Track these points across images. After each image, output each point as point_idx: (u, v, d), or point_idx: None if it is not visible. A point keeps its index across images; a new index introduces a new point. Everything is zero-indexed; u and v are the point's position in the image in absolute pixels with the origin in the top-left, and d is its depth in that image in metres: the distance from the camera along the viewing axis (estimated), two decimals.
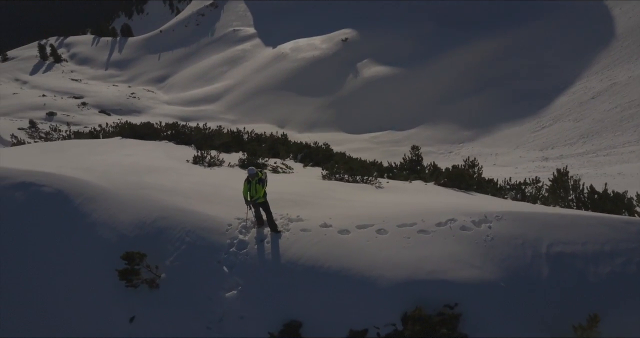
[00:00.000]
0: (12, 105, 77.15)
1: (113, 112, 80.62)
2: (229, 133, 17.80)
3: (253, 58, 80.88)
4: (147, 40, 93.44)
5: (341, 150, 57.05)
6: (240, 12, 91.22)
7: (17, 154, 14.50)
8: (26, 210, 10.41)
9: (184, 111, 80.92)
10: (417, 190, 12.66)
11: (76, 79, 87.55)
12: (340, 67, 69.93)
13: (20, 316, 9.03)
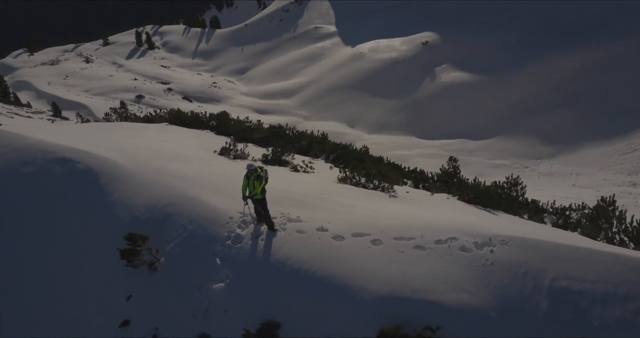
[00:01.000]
0: (107, 86, 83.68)
1: (195, 99, 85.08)
2: (270, 128, 18.11)
3: (331, 56, 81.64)
4: (233, 33, 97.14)
5: (409, 155, 56.57)
6: (323, 10, 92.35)
7: (72, 131, 15.82)
8: (61, 183, 11.32)
9: (259, 103, 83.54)
10: (434, 203, 12.12)
11: (165, 65, 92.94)
12: (417, 71, 68.92)
13: (36, 274, 10.02)
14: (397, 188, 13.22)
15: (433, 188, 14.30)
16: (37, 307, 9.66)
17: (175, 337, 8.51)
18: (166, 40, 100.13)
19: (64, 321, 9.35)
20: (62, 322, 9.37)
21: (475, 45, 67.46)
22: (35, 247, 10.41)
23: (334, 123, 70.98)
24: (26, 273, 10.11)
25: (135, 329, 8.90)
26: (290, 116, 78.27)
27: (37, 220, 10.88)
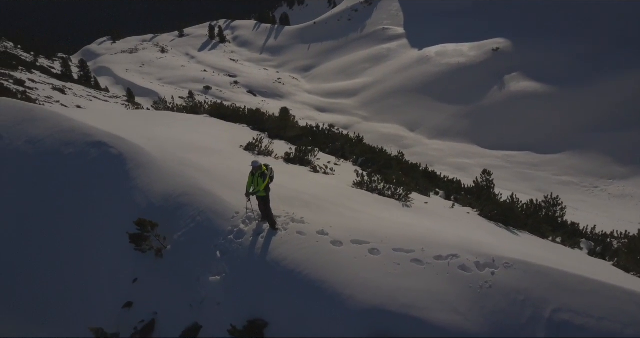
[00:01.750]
0: (178, 76, 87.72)
1: (259, 94, 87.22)
2: (303, 126, 17.87)
3: (396, 58, 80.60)
4: (301, 30, 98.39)
5: (469, 164, 54.58)
6: (392, 11, 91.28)
7: (118, 117, 16.64)
8: (94, 165, 11.97)
9: (321, 102, 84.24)
10: (451, 217, 11.55)
11: (234, 59, 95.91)
12: (485, 77, 66.53)
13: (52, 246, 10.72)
14: (418, 198, 12.78)
15: (462, 201, 13.65)
16: (54, 276, 10.30)
17: (172, 323, 8.77)
18: (237, 34, 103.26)
19: (75, 294, 9.91)
20: (73, 296, 9.92)
21: (549, 55, 64.03)
22: (64, 222, 11.10)
23: (394, 126, 70.20)
24: (54, 244, 10.84)
25: (137, 311, 9.24)
26: (350, 116, 78.32)
27: (70, 198, 11.59)
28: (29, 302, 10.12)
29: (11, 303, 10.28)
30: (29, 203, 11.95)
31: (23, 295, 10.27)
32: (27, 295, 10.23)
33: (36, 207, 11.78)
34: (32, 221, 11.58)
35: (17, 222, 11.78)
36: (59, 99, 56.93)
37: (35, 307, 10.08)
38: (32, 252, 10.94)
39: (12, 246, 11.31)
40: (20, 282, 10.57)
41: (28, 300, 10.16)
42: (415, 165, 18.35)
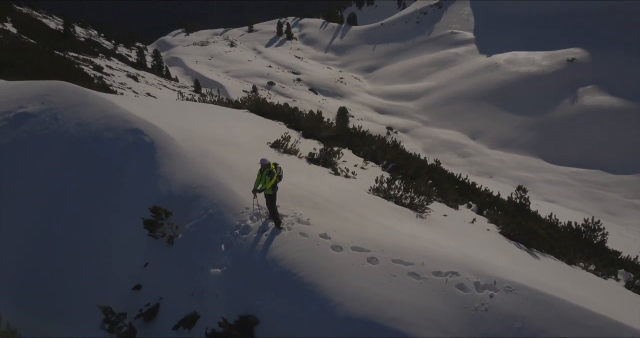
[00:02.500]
0: (244, 70, 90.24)
1: (320, 92, 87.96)
2: (338, 127, 17.59)
3: (463, 63, 78.32)
4: (368, 31, 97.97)
5: (532, 179, 52.08)
6: (463, 15, 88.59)
7: (159, 106, 17.30)
8: (129, 151, 12.56)
9: (381, 103, 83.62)
10: (465, 232, 10.94)
11: (299, 56, 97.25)
12: (557, 89, 63.17)
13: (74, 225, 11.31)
14: (440, 209, 12.31)
15: (492, 216, 12.97)
16: (78, 251, 10.96)
17: (174, 309, 9.07)
18: (304, 32, 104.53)
19: (93, 272, 10.47)
20: (91, 273, 10.50)
21: (627, 69, 59.69)
22: (95, 201, 11.79)
23: (455, 132, 68.48)
24: (84, 220, 11.55)
25: (144, 294, 9.63)
26: (410, 119, 77.28)
27: (105, 180, 12.27)
28: (50, 275, 10.84)
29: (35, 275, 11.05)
30: (70, 183, 12.76)
31: (46, 268, 11.00)
32: (50, 266, 10.96)
33: (75, 186, 12.57)
34: (71, 198, 12.37)
35: (59, 198, 12.62)
36: (132, 85, 60.31)
37: (56, 279, 10.78)
38: (66, 225, 11.71)
39: (51, 218, 12.16)
40: (47, 253, 11.36)
41: (50, 273, 10.87)
42: (451, 175, 17.68)
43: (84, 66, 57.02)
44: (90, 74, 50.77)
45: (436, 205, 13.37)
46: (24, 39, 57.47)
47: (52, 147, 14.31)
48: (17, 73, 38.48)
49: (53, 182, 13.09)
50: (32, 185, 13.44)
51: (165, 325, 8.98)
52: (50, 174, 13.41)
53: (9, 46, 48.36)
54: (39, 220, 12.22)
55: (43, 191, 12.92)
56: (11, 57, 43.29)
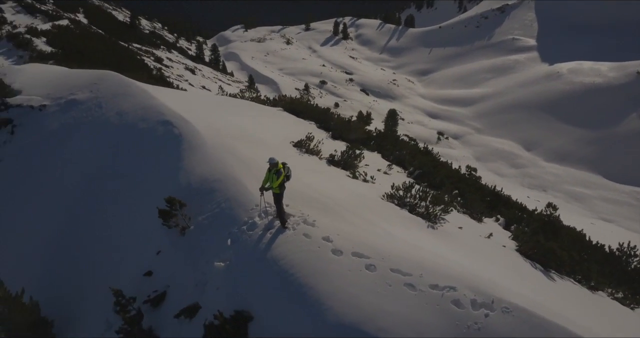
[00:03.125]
0: (298, 68, 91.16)
1: (372, 93, 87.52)
2: (368, 131, 17.30)
3: (522, 71, 75.36)
4: (425, 34, 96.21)
5: (589, 196, 49.56)
6: (526, 21, 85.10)
7: (196, 99, 17.73)
8: (158, 142, 13.02)
9: (433, 107, 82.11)
10: (477, 247, 10.42)
11: (353, 56, 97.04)
12: (623, 103, 59.58)
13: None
14: (458, 221, 11.87)
15: (516, 232, 12.37)
16: (103, 231, 11.54)
17: (178, 298, 9.36)
18: (360, 32, 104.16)
19: (111, 254, 11.01)
20: (109, 256, 11.03)
21: None
22: (124, 188, 12.37)
23: (508, 142, 66.31)
24: (111, 204, 12.15)
25: (154, 281, 9.99)
26: (462, 126, 75.48)
27: (135, 168, 12.84)
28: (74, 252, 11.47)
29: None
30: (105, 168, 13.46)
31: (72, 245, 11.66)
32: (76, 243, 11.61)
33: (109, 171, 13.25)
34: (102, 183, 13.06)
35: (92, 183, 13.34)
36: (188, 78, 62.43)
37: (78, 258, 11.40)
38: (93, 208, 12.37)
39: (82, 201, 12.89)
40: (75, 233, 12.04)
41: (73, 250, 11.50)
42: (482, 185, 16.99)
43: (146, 57, 59.63)
44: (150, 65, 53.04)
45: (457, 216, 12.95)
46: (93, 30, 60.82)
47: (93, 133, 15.13)
48: (83, 61, 40.85)
49: (90, 166, 13.83)
50: (72, 169, 14.26)
51: (170, 312, 9.26)
52: (89, 159, 14.17)
53: (79, 36, 51.36)
54: (71, 203, 12.96)
55: (81, 175, 13.68)
56: (80, 46, 45.96)
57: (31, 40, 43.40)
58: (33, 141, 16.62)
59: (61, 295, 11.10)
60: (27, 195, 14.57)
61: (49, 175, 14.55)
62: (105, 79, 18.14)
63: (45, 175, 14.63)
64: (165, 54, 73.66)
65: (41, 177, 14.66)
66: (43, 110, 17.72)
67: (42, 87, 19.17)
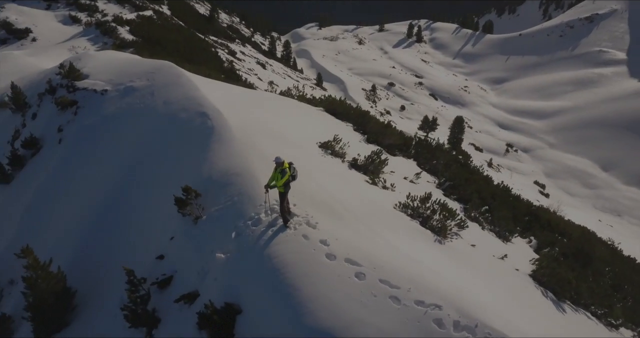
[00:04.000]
0: (367, 69, 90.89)
1: (440, 98, 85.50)
2: (405, 137, 16.66)
3: (608, 86, 70.26)
4: (503, 41, 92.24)
5: None
6: (617, 32, 78.96)
7: (237, 93, 18.33)
8: (193, 132, 13.50)
9: (504, 118, 78.87)
10: (483, 267, 9.68)
11: (425, 60, 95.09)
12: None
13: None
14: (475, 238, 11.25)
15: (541, 257, 11.50)
16: (125, 217, 12.22)
17: (182, 284, 9.78)
18: (434, 36, 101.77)
19: (134, 235, 11.65)
20: (131, 236, 11.68)
21: None
22: (154, 174, 13.04)
23: (583, 160, 62.73)
24: (139, 188, 12.87)
25: (164, 265, 10.48)
26: (534, 139, 72.27)
27: (170, 155, 13.48)
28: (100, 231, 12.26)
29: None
30: (143, 154, 14.24)
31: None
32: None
33: (145, 157, 14.02)
34: (140, 167, 13.86)
35: (133, 166, 14.17)
36: (258, 72, 64.17)
37: (106, 237, 12.17)
38: (126, 190, 13.17)
39: (120, 183, 13.74)
40: (108, 213, 12.87)
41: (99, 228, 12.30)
42: (519, 203, 15.91)
43: (220, 50, 61.99)
44: (223, 58, 55.14)
45: (478, 233, 12.36)
46: (174, 21, 64.12)
47: (140, 120, 16.03)
48: (159, 50, 43.24)
49: (131, 151, 14.68)
50: (116, 153, 15.20)
51: (174, 296, 9.69)
52: (132, 144, 15.03)
53: (159, 26, 54.40)
54: (110, 186, 13.85)
55: (120, 159, 14.56)
56: (158, 36, 48.66)
57: (116, 29, 46.55)
58: (91, 123, 17.90)
59: (87, 269, 11.92)
60: (77, 173, 15.76)
61: (96, 157, 15.63)
62: (161, 68, 19.13)
63: (93, 158, 15.73)
64: (239, 47, 76.14)
65: (90, 159, 15.77)
66: (104, 95, 19.01)
67: (107, 72, 20.57)
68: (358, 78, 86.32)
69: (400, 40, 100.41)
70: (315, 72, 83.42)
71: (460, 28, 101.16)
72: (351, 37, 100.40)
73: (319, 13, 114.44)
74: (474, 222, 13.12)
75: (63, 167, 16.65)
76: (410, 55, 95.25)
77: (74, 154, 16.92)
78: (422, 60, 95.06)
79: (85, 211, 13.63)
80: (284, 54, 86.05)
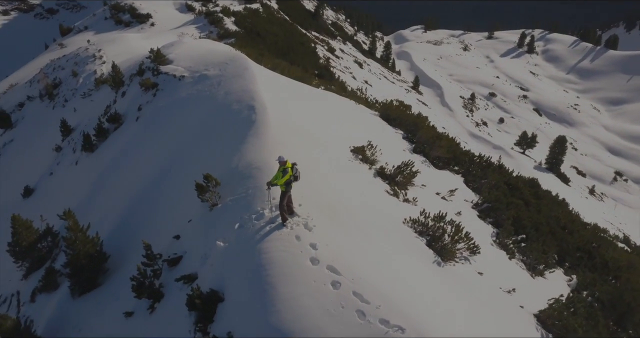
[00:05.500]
0: (469, 76, 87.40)
1: (545, 114, 79.90)
2: (455, 149, 15.50)
3: None
4: (628, 58, 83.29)
5: None
6: None
7: (295, 89, 18.61)
8: (239, 123, 13.98)
9: (617, 143, 71.97)
10: (477, 298, 8.74)
11: (534, 72, 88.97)
12: None
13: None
14: (492, 265, 10.39)
15: (575, 301, 10.23)
16: (162, 197, 13.13)
17: (187, 265, 10.36)
18: (548, 47, 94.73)
19: (163, 214, 12.48)
20: (159, 215, 12.52)
21: None
22: (195, 157, 13.89)
23: None
24: (181, 169, 13.75)
25: (178, 245, 11.14)
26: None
27: (209, 142, 14.25)
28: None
29: None
30: (191, 140, 15.18)
31: None
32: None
33: (192, 142, 14.94)
34: (187, 148, 14.82)
35: (178, 151, 15.17)
36: (354, 71, 64.60)
37: (143, 213, 13.19)
38: (169, 171, 14.16)
39: (167, 163, 14.80)
40: (152, 189, 13.93)
41: None
42: (578, 236, 14.24)
43: (320, 46, 63.23)
44: (320, 54, 56.25)
45: (499, 262, 11.47)
46: (280, 15, 66.60)
47: (202, 107, 17.06)
48: (257, 42, 45.26)
49: (187, 135, 15.70)
50: (173, 136, 16.33)
51: (178, 275, 10.29)
52: (188, 129, 16.06)
53: (263, 19, 56.86)
54: (160, 166, 14.98)
55: (177, 144, 15.61)
56: (259, 28, 50.93)
57: (222, 19, 49.53)
58: (164, 105, 19.39)
59: (123, 238, 13.06)
60: (140, 151, 17.24)
61: (157, 137, 16.96)
62: (234, 60, 20.12)
63: (155, 138, 17.08)
64: (340, 45, 76.96)
65: (153, 139, 17.15)
66: (181, 80, 20.47)
67: (189, 60, 22.09)
68: (457, 85, 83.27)
69: (509, 49, 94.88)
70: (413, 75, 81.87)
71: (579, 41, 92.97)
72: (456, 43, 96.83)
73: (426, 15, 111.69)
74: (502, 250, 12.14)
75: (132, 143, 18.28)
76: (518, 66, 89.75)
77: (143, 133, 18.49)
78: (531, 72, 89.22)
79: (135, 186, 14.88)
80: (384, 54, 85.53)
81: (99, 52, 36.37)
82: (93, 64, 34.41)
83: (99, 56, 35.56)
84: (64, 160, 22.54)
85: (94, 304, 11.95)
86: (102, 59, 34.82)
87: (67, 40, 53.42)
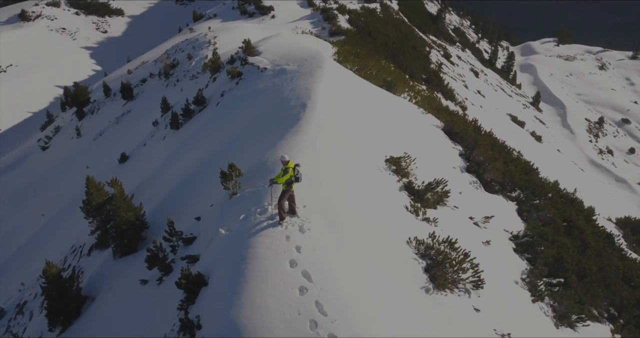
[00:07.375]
0: (600, 98, 79.85)
1: None
2: (507, 173, 13.77)
3: None
4: None
5: None
6: None
7: (365, 95, 18.32)
8: (287, 119, 14.17)
9: None
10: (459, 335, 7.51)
11: None
12: None
13: None
14: (493, 301, 9.25)
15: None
16: (199, 181, 13.96)
17: (196, 246, 10.99)
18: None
19: (192, 196, 13.28)
20: (191, 197, 13.33)
21: None
22: (231, 148, 14.57)
23: None
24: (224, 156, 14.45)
25: (197, 226, 11.86)
26: None
27: (260, 133, 14.76)
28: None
29: None
30: (249, 128, 15.84)
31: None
32: None
33: (247, 131, 15.61)
34: (238, 138, 15.56)
35: (235, 136, 15.92)
36: (467, 79, 61.90)
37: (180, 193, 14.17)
38: (217, 156, 14.98)
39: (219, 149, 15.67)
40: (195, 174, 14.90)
41: None
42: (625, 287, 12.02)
43: (434, 50, 61.43)
44: (433, 59, 54.66)
45: (515, 303, 10.26)
46: (398, 16, 65.87)
47: (267, 99, 17.71)
48: (367, 41, 45.38)
49: (245, 125, 16.43)
50: (234, 125, 17.19)
51: (188, 253, 10.96)
52: (250, 119, 16.80)
53: (378, 19, 56.71)
54: (215, 150, 15.89)
55: (232, 135, 16.41)
56: (372, 28, 50.96)
57: (336, 16, 50.42)
58: (242, 94, 20.43)
59: (164, 212, 14.13)
60: (209, 134, 18.43)
61: (225, 124, 17.98)
62: (313, 57, 20.47)
63: (224, 124, 18.11)
64: (457, 51, 73.91)
65: (223, 125, 18.21)
66: (263, 72, 21.35)
67: (275, 53, 22.93)
68: (585, 106, 75.62)
69: None
70: (534, 90, 76.00)
71: None
72: (592, 60, 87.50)
73: (563, 28, 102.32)
74: (527, 290, 10.76)
75: (204, 127, 19.60)
76: None
77: (218, 118, 19.70)
78: None
79: (190, 166, 16.02)
80: (505, 65, 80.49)
81: (215, 38, 39.24)
82: (207, 49, 37.22)
83: (213, 42, 38.39)
84: (157, 134, 24.85)
85: (127, 267, 13.17)
86: (215, 45, 37.59)
87: (196, 25, 58.26)
